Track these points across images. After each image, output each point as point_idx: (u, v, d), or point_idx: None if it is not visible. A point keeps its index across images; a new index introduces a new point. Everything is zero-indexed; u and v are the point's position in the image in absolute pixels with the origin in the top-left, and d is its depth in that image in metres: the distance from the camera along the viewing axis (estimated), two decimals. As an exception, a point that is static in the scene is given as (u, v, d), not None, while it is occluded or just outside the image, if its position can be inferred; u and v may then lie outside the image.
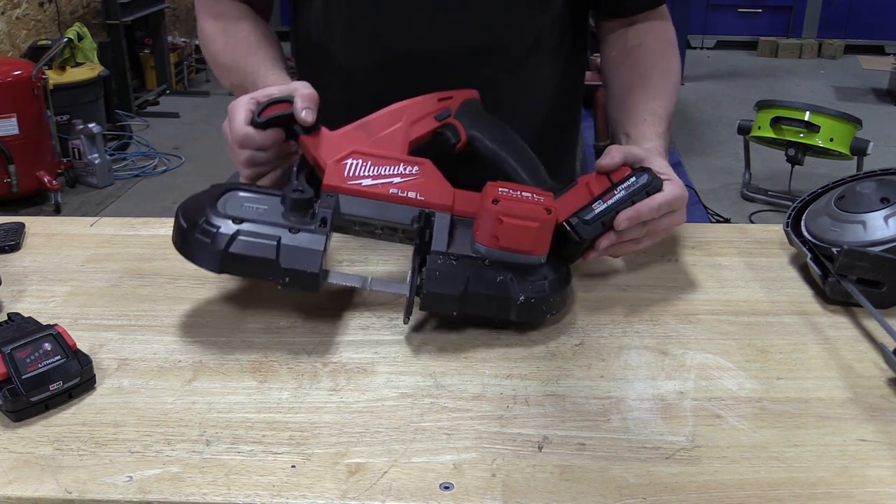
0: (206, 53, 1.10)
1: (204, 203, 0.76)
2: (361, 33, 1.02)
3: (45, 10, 4.60)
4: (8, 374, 0.66)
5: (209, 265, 0.74)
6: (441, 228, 0.80)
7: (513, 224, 0.77)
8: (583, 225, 0.80)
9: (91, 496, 0.59)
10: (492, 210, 0.78)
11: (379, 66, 1.02)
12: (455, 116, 0.88)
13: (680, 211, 0.85)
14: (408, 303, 0.76)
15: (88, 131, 3.96)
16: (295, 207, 0.77)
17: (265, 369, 0.74)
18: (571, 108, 1.18)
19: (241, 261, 0.73)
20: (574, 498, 0.59)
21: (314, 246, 0.74)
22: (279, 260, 0.73)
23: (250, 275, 0.76)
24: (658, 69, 1.04)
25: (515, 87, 1.05)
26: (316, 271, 0.73)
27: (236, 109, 0.84)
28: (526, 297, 0.76)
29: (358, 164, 0.81)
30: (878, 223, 0.84)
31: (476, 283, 0.76)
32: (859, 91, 5.87)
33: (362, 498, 0.59)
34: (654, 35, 1.07)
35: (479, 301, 0.76)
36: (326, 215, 0.77)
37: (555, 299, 0.79)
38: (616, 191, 0.82)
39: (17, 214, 1.80)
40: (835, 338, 0.80)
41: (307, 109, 0.81)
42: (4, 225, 1.00)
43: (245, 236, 0.73)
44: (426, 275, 0.75)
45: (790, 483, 0.61)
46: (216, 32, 1.08)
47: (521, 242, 0.78)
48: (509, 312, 0.77)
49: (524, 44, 1.03)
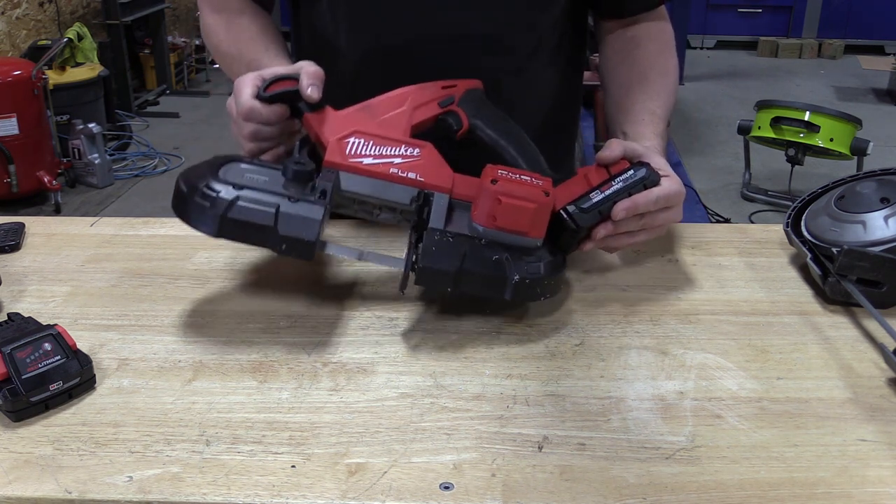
0: (210, 45, 1.11)
1: (205, 170, 0.77)
2: (364, 33, 1.02)
3: (45, 10, 4.61)
4: (8, 374, 0.66)
5: (208, 229, 0.74)
6: (439, 208, 0.80)
7: (511, 204, 0.78)
8: (580, 213, 0.81)
9: (91, 496, 0.59)
10: (490, 189, 0.78)
11: (380, 66, 1.02)
12: (458, 104, 0.89)
13: (677, 207, 0.85)
14: (403, 276, 0.77)
15: (88, 131, 3.96)
16: (296, 178, 0.78)
17: (265, 369, 0.74)
18: (571, 107, 1.18)
19: (240, 226, 0.73)
20: (574, 498, 0.59)
21: (312, 215, 0.74)
22: (277, 227, 0.73)
23: (248, 241, 0.75)
24: (656, 70, 1.05)
25: (517, 87, 1.05)
26: (313, 239, 0.73)
27: (242, 84, 0.84)
28: (521, 276, 0.76)
29: (360, 142, 0.82)
30: (878, 223, 0.84)
31: (472, 261, 0.76)
32: (859, 91, 5.87)
33: (362, 498, 0.59)
34: (653, 35, 1.07)
35: (474, 279, 0.76)
36: (326, 188, 0.77)
37: (549, 282, 0.79)
38: (614, 182, 0.83)
39: (17, 214, 1.80)
40: (835, 338, 0.80)
41: (313, 86, 0.82)
42: (4, 225, 1.00)
43: (244, 202, 0.74)
44: (422, 250, 0.76)
45: (790, 483, 0.61)
46: (218, 24, 1.08)
47: (518, 223, 0.78)
48: (503, 291, 0.77)
49: (526, 44, 1.04)
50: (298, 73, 0.83)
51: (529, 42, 1.04)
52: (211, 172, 0.77)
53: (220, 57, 1.09)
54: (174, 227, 1.02)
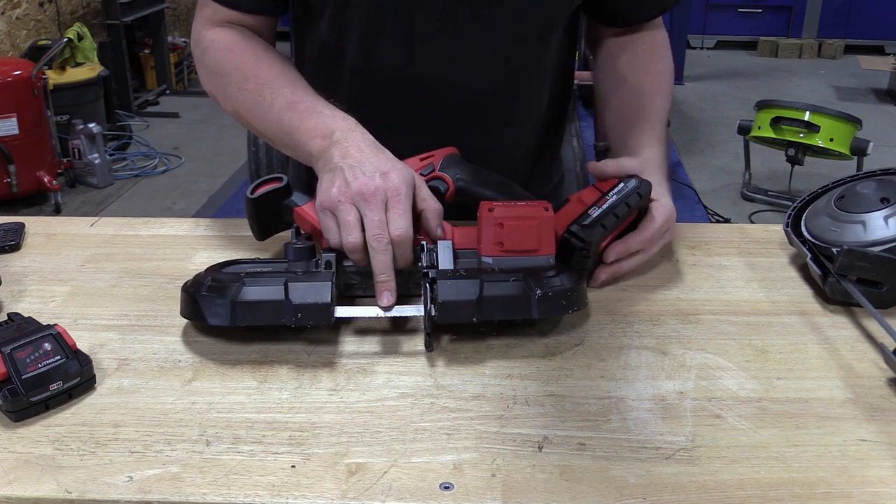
0: (205, 63, 1.00)
1: (206, 272, 0.79)
2: (368, 52, 0.99)
3: (45, 10, 4.61)
4: (8, 374, 0.66)
5: (221, 318, 0.73)
6: (445, 254, 0.80)
7: (513, 225, 0.78)
8: (583, 229, 0.82)
9: (91, 496, 0.59)
10: (490, 217, 0.79)
11: (380, 83, 1.01)
12: (439, 170, 0.92)
13: (670, 230, 0.90)
14: (425, 322, 0.75)
15: (88, 131, 3.96)
16: (298, 257, 0.80)
17: (265, 369, 0.74)
18: (562, 118, 1.19)
19: (252, 308, 0.73)
20: (574, 498, 0.59)
21: (322, 280, 0.75)
22: (289, 297, 0.72)
23: (264, 320, 0.74)
24: (652, 73, 1.06)
25: (517, 105, 1.06)
26: (328, 300, 0.73)
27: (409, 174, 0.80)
28: (543, 291, 0.75)
29: None
30: (878, 223, 0.84)
31: (490, 287, 0.74)
32: (859, 91, 5.87)
33: (362, 498, 0.59)
34: (647, 41, 1.08)
35: (497, 303, 0.74)
36: (330, 259, 0.78)
37: (573, 293, 0.76)
38: (608, 196, 0.85)
39: (17, 214, 1.80)
40: (835, 338, 0.80)
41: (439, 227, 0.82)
42: (4, 225, 1.00)
43: (252, 285, 0.74)
44: (439, 286, 0.74)
45: (790, 483, 0.61)
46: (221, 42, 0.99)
47: (525, 242, 0.79)
48: (529, 310, 0.74)
49: (530, 63, 1.04)
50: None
51: (534, 61, 1.04)
52: (213, 271, 0.78)
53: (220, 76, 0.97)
54: (174, 227, 1.02)
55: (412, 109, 1.01)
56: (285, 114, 0.89)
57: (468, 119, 1.02)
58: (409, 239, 0.77)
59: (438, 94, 1.00)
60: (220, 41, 0.99)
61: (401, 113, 1.01)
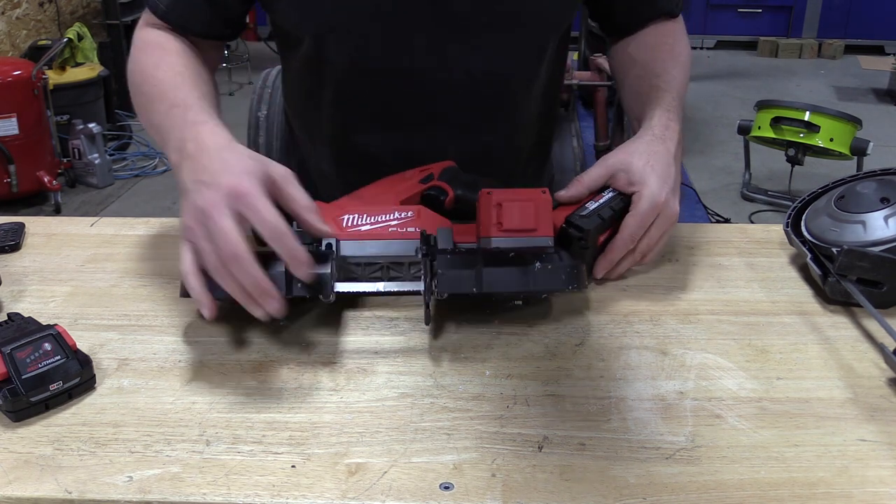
0: (135, 65, 0.94)
1: None
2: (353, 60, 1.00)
3: (45, 10, 4.61)
4: (8, 374, 0.66)
5: (221, 292, 0.72)
6: (445, 239, 0.81)
7: (512, 205, 0.79)
8: (581, 218, 0.83)
9: (91, 496, 0.59)
10: (488, 200, 0.80)
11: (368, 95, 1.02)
12: (438, 179, 0.93)
13: (662, 214, 0.86)
14: (425, 303, 0.75)
15: (88, 131, 3.96)
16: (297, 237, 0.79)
17: (265, 369, 0.74)
18: (552, 120, 1.20)
19: None
20: (574, 498, 0.59)
21: (321, 254, 0.75)
22: (288, 269, 0.72)
23: None
24: (662, 49, 1.06)
25: (512, 115, 1.07)
26: (328, 271, 0.73)
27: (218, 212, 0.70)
28: (542, 263, 0.75)
29: (354, 216, 0.85)
30: (878, 223, 0.84)
31: (490, 261, 0.76)
32: (859, 91, 5.87)
33: (362, 498, 0.59)
34: (658, 29, 1.09)
35: (496, 275, 0.75)
36: (331, 241, 0.80)
37: (573, 270, 0.77)
38: (604, 193, 0.87)
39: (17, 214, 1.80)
40: (835, 338, 0.80)
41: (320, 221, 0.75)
42: (4, 225, 1.00)
43: None
44: (439, 260, 0.75)
45: (790, 483, 0.61)
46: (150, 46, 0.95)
47: (524, 221, 0.79)
48: (527, 281, 0.75)
49: (524, 78, 1.05)
50: None
51: (527, 76, 1.05)
52: None
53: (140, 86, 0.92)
54: (174, 227, 1.02)
55: (398, 119, 1.03)
56: (164, 120, 0.84)
57: (455, 125, 1.04)
58: (243, 252, 0.69)
59: (427, 103, 1.01)
60: (147, 41, 0.96)
61: (386, 118, 1.03)
